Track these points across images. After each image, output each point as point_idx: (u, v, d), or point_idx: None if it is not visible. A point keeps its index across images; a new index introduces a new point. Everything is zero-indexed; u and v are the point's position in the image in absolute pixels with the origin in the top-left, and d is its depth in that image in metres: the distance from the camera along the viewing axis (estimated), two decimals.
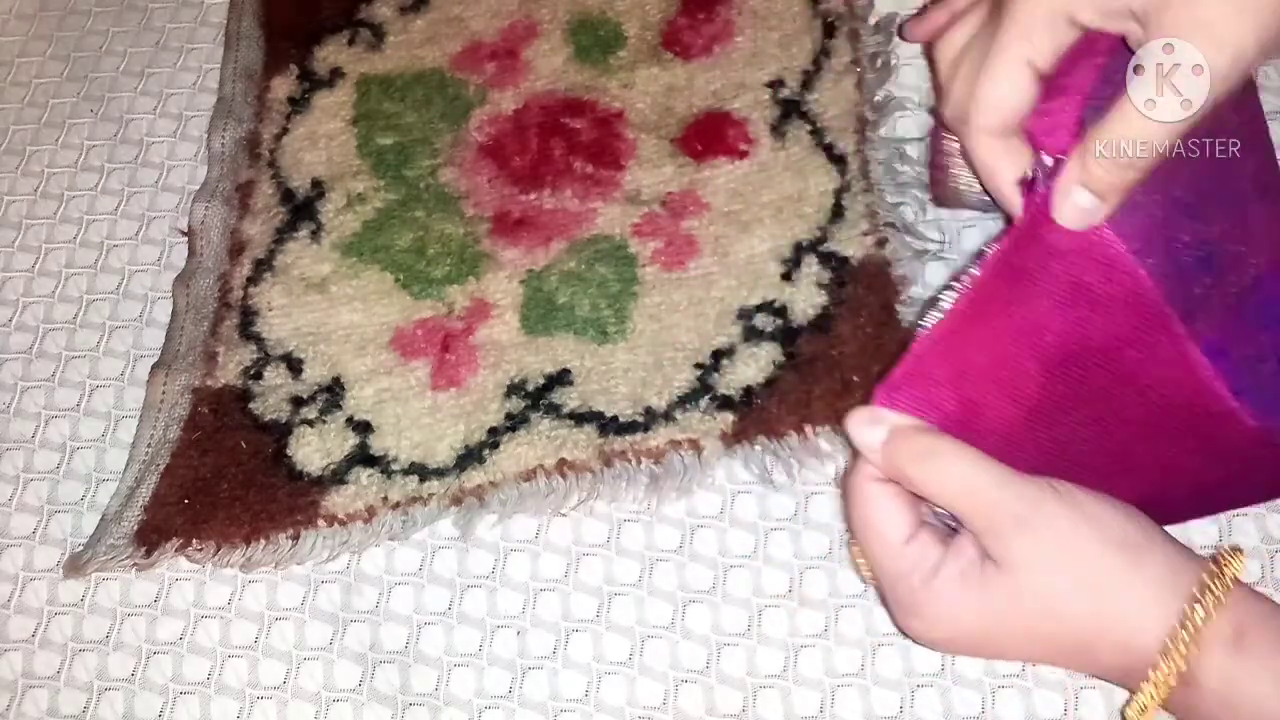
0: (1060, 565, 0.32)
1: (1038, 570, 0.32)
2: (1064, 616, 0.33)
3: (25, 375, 0.51)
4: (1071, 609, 0.32)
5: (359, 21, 0.59)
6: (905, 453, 0.34)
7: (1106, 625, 0.32)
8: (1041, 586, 0.32)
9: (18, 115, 0.59)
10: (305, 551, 0.45)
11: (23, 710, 0.44)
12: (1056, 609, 0.32)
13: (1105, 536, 0.33)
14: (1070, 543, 0.32)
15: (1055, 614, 0.33)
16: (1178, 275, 0.36)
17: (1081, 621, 0.32)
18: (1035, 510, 0.33)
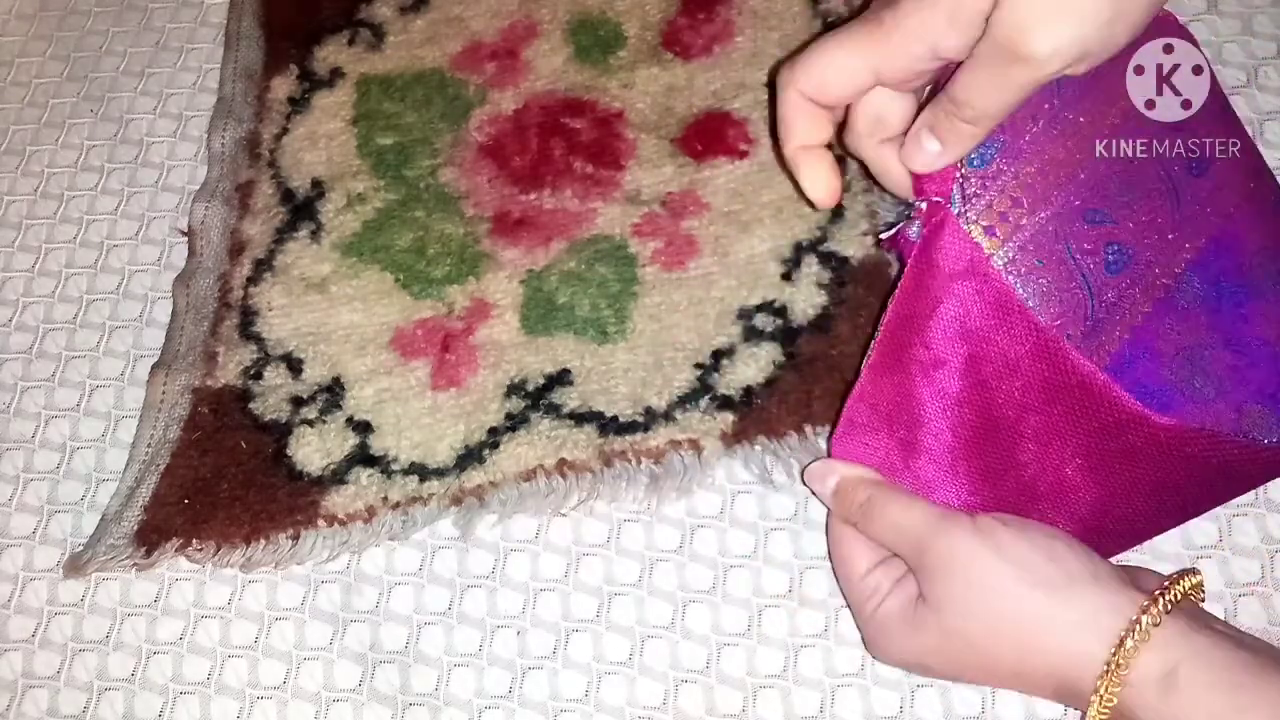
0: (977, 608, 0.34)
1: (956, 613, 0.35)
2: (986, 652, 0.34)
3: (25, 375, 0.51)
4: (993, 647, 0.34)
5: (359, 21, 0.59)
6: (847, 503, 0.38)
7: (1033, 663, 0.34)
8: (961, 627, 0.35)
9: (18, 115, 0.59)
10: (305, 551, 0.45)
11: (23, 710, 0.44)
12: (978, 646, 0.34)
13: (1025, 577, 0.34)
14: (989, 584, 0.34)
15: (978, 650, 0.35)
16: (1081, 286, 0.36)
17: (1006, 658, 0.34)
18: (955, 553, 0.35)
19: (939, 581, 0.35)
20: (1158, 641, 0.32)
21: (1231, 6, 0.52)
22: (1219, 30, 0.51)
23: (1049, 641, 0.33)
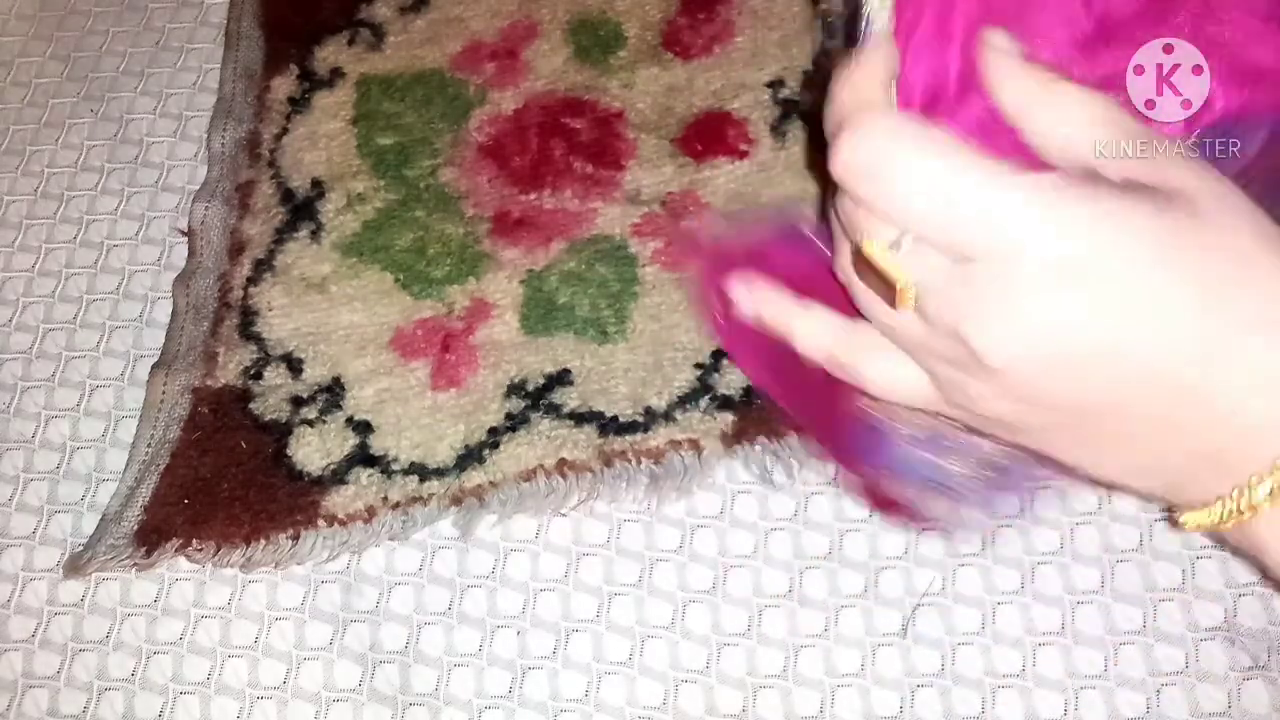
0: (1252, 222, 0.25)
1: (1216, 204, 0.25)
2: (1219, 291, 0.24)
3: (25, 375, 0.51)
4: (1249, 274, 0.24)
5: (359, 21, 0.59)
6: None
7: (1224, 357, 0.25)
8: (1220, 227, 0.25)
9: (18, 115, 0.59)
10: (305, 551, 0.45)
11: (23, 710, 0.44)
12: (1220, 270, 0.24)
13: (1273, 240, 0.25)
14: (1244, 223, 0.25)
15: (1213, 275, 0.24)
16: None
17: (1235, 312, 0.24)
18: (1195, 160, 0.26)
19: (1195, 175, 0.25)
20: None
21: None
22: None
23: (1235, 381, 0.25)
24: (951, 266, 0.26)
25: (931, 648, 0.41)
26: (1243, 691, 0.39)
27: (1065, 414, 0.27)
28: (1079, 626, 0.40)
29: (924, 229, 0.26)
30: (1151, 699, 0.39)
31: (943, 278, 0.26)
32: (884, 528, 0.43)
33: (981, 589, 0.41)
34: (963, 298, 0.26)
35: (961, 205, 0.25)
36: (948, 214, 0.25)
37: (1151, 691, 0.39)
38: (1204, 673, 0.39)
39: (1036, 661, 0.40)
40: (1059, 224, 0.25)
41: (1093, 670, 0.39)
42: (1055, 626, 0.40)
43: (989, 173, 0.25)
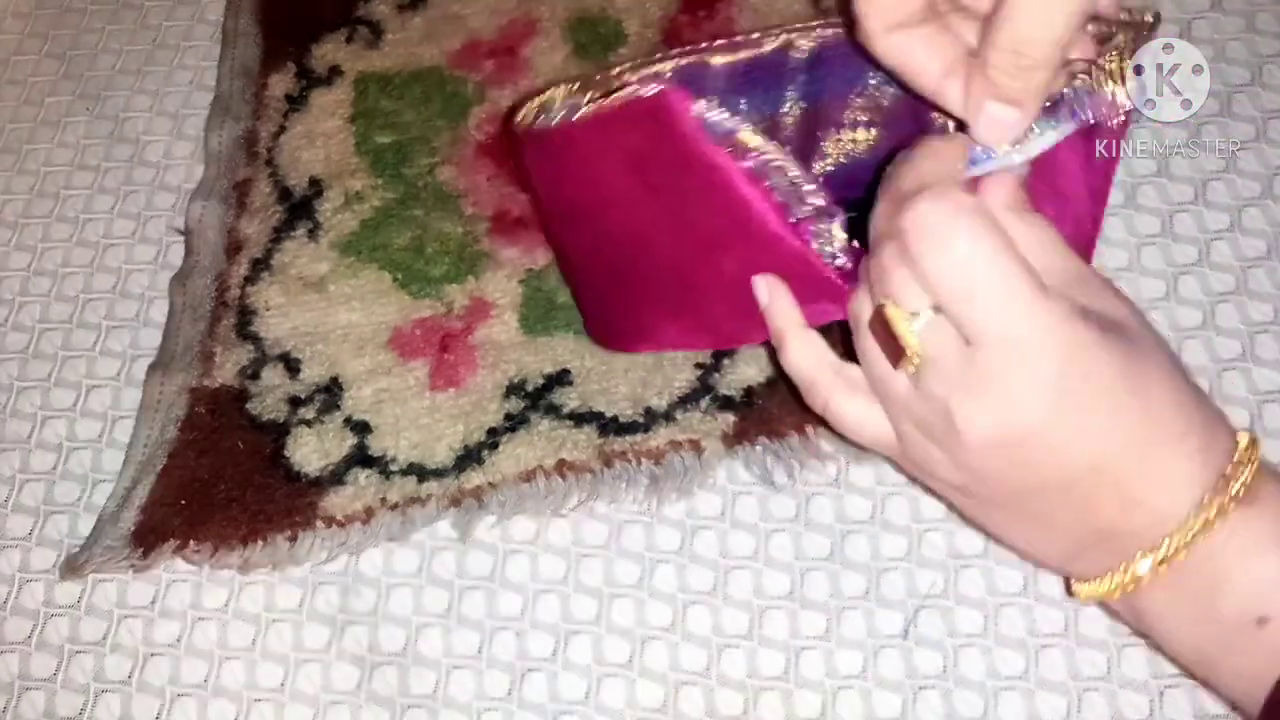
0: (1166, 353, 0.31)
1: (1149, 336, 0.31)
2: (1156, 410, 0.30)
3: (21, 375, 0.51)
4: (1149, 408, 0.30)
5: (357, 19, 0.58)
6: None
7: (1145, 458, 0.30)
8: (1155, 355, 0.30)
9: (13, 114, 0.59)
10: (303, 553, 0.44)
11: (20, 712, 0.44)
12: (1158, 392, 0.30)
13: (1180, 369, 0.31)
14: (1164, 357, 0.31)
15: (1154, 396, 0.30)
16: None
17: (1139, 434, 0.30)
18: (1117, 290, 0.32)
19: (1133, 317, 0.31)
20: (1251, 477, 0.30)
21: (1235, 4, 0.52)
22: (1223, 28, 0.51)
23: (1132, 484, 0.30)
24: (960, 347, 0.30)
25: (934, 649, 0.40)
26: None
27: (1003, 490, 0.32)
28: (1082, 628, 0.40)
29: (953, 303, 0.29)
30: (1154, 701, 0.39)
31: (949, 354, 0.30)
32: (886, 529, 0.42)
33: (984, 590, 0.41)
34: (960, 376, 0.30)
35: (994, 298, 0.29)
36: (979, 300, 0.29)
37: (1155, 694, 0.39)
38: None
39: (1039, 663, 0.40)
40: (1060, 341, 0.29)
41: (1096, 672, 0.39)
42: (1058, 628, 0.40)
43: (1026, 281, 0.29)
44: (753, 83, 0.41)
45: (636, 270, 0.39)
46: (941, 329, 0.30)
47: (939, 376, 0.30)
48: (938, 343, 0.30)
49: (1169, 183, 0.48)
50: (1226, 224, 0.47)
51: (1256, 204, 0.47)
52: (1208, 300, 0.45)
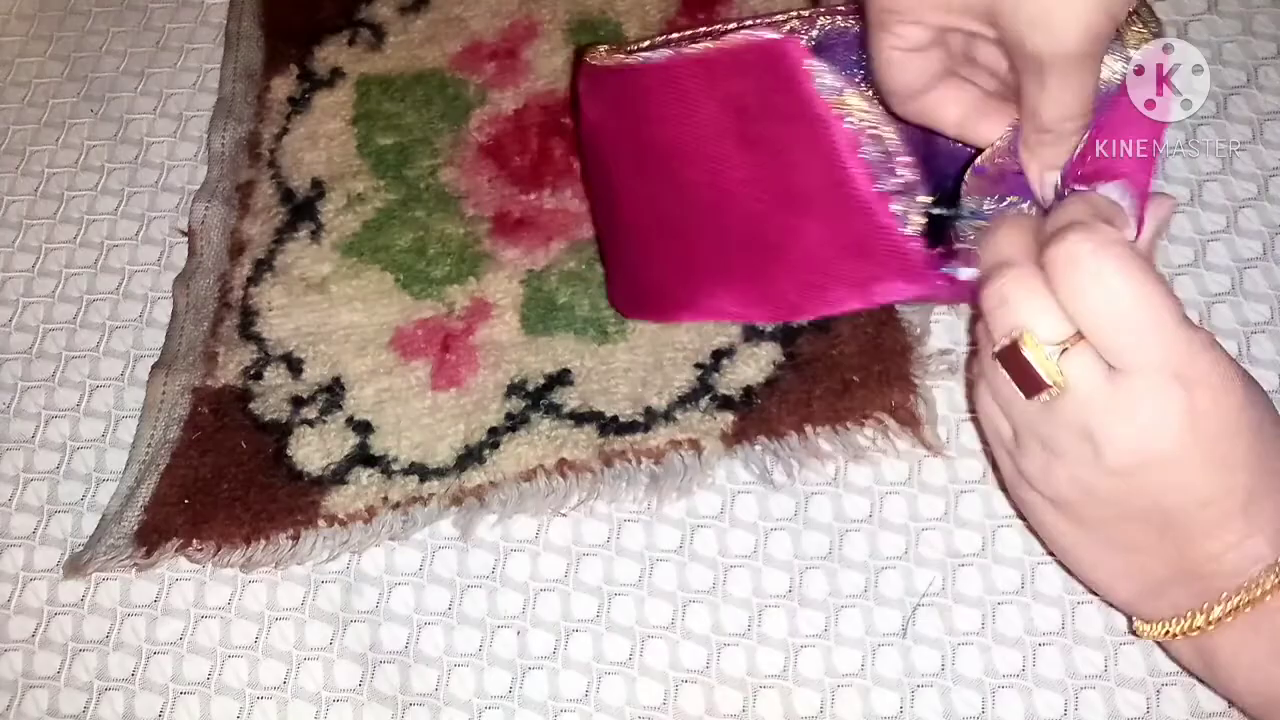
0: (1273, 410, 0.31)
1: (1261, 394, 0.31)
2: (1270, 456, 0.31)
3: (25, 375, 0.51)
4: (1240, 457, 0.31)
5: (359, 21, 0.59)
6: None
7: (1252, 500, 0.31)
8: (1264, 404, 0.31)
9: (18, 115, 0.59)
10: (305, 551, 0.45)
11: (23, 710, 0.44)
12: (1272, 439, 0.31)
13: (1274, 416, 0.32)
14: (1259, 397, 0.31)
15: (1270, 442, 0.31)
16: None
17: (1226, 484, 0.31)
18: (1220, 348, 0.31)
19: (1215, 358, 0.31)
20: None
21: (1232, 6, 0.52)
22: (1219, 30, 0.51)
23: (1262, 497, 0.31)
24: (1104, 375, 0.30)
25: (932, 648, 0.41)
26: None
27: (1113, 513, 0.32)
28: (1079, 627, 0.40)
29: (1102, 333, 0.30)
30: (1151, 699, 0.39)
31: (1092, 383, 0.30)
32: (884, 528, 0.43)
33: (981, 589, 0.41)
34: (1106, 401, 0.30)
35: (1146, 327, 0.30)
36: (1131, 328, 0.30)
37: (1152, 691, 0.39)
38: None
39: (1036, 662, 0.40)
40: (1204, 372, 0.30)
41: (1093, 670, 0.39)
42: (1055, 626, 0.40)
43: (1173, 311, 0.30)
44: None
45: (705, 227, 0.36)
46: (1086, 358, 0.30)
47: (1078, 404, 0.31)
48: (1081, 373, 0.31)
49: (1165, 184, 0.48)
50: (1223, 225, 0.47)
51: (1253, 205, 0.47)
52: (1203, 301, 0.45)
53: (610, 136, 0.40)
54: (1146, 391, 0.30)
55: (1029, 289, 0.31)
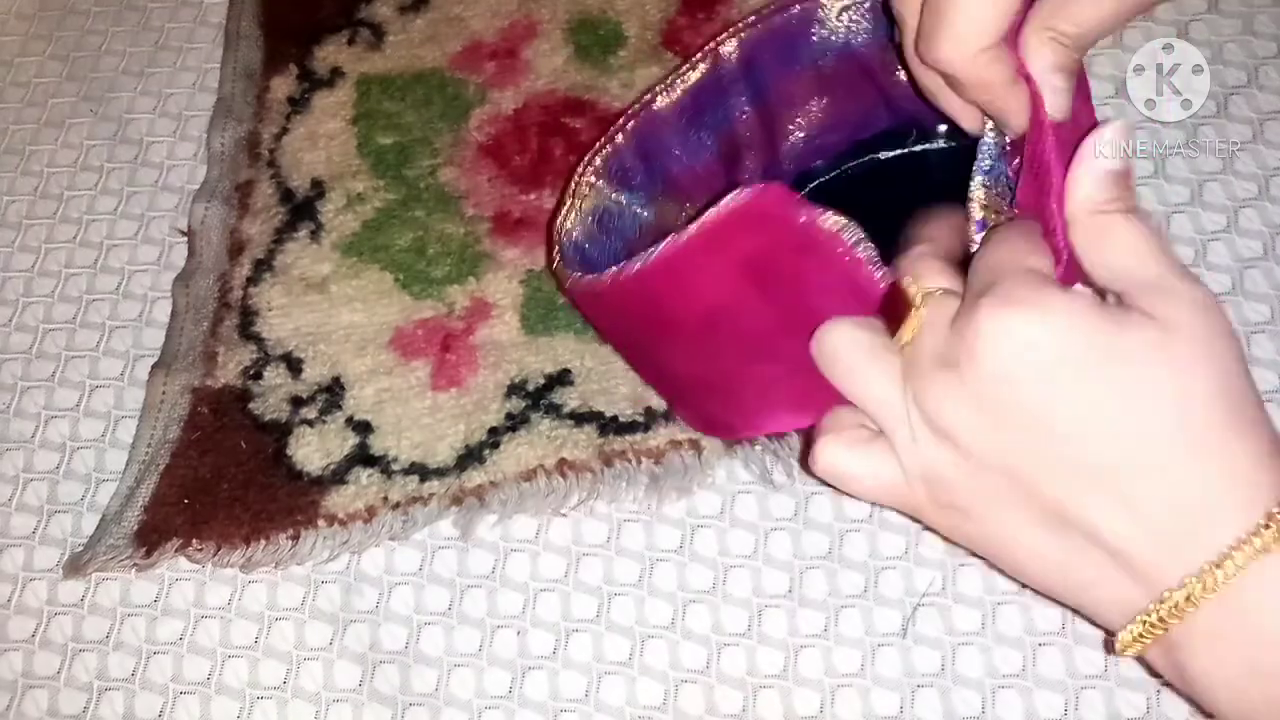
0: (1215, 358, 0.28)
1: (1197, 339, 0.28)
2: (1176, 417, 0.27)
3: (25, 375, 0.51)
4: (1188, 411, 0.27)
5: (359, 21, 0.59)
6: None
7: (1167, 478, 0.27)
8: (1189, 355, 0.27)
9: (17, 115, 0.59)
10: (305, 551, 0.45)
11: (23, 710, 0.44)
12: (1186, 391, 0.27)
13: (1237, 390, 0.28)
14: (1225, 346, 0.28)
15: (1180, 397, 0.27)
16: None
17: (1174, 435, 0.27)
18: (1205, 304, 0.29)
19: (1183, 306, 0.28)
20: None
21: (1232, 6, 0.52)
22: (1220, 30, 0.51)
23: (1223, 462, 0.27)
24: (959, 312, 0.30)
25: (932, 648, 0.41)
26: None
27: (998, 478, 0.29)
28: (1079, 627, 0.40)
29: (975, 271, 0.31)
30: (1151, 699, 0.39)
31: (941, 325, 0.30)
32: (884, 528, 0.43)
33: (982, 589, 0.41)
34: (940, 343, 0.30)
35: (992, 266, 0.30)
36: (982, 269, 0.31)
37: (1152, 691, 0.39)
38: None
39: (1037, 662, 0.40)
40: (1034, 307, 0.28)
41: (1093, 670, 0.39)
42: (1055, 627, 0.40)
43: (1031, 262, 0.30)
44: (700, 108, 0.43)
45: (752, 373, 0.38)
46: (944, 300, 0.31)
47: (925, 346, 0.31)
48: (940, 311, 0.31)
49: (1166, 184, 0.48)
50: (1223, 225, 0.47)
51: (1253, 205, 0.47)
52: None
53: (623, 324, 0.41)
54: (964, 322, 0.30)
55: (931, 264, 0.32)
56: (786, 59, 0.43)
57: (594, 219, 0.42)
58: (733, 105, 0.44)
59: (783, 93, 0.44)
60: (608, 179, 0.42)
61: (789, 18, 0.43)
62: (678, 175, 0.44)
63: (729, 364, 0.38)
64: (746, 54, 0.43)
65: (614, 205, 0.42)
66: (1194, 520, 0.27)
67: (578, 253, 0.40)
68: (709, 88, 0.43)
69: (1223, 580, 0.26)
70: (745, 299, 0.35)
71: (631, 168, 0.43)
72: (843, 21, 0.42)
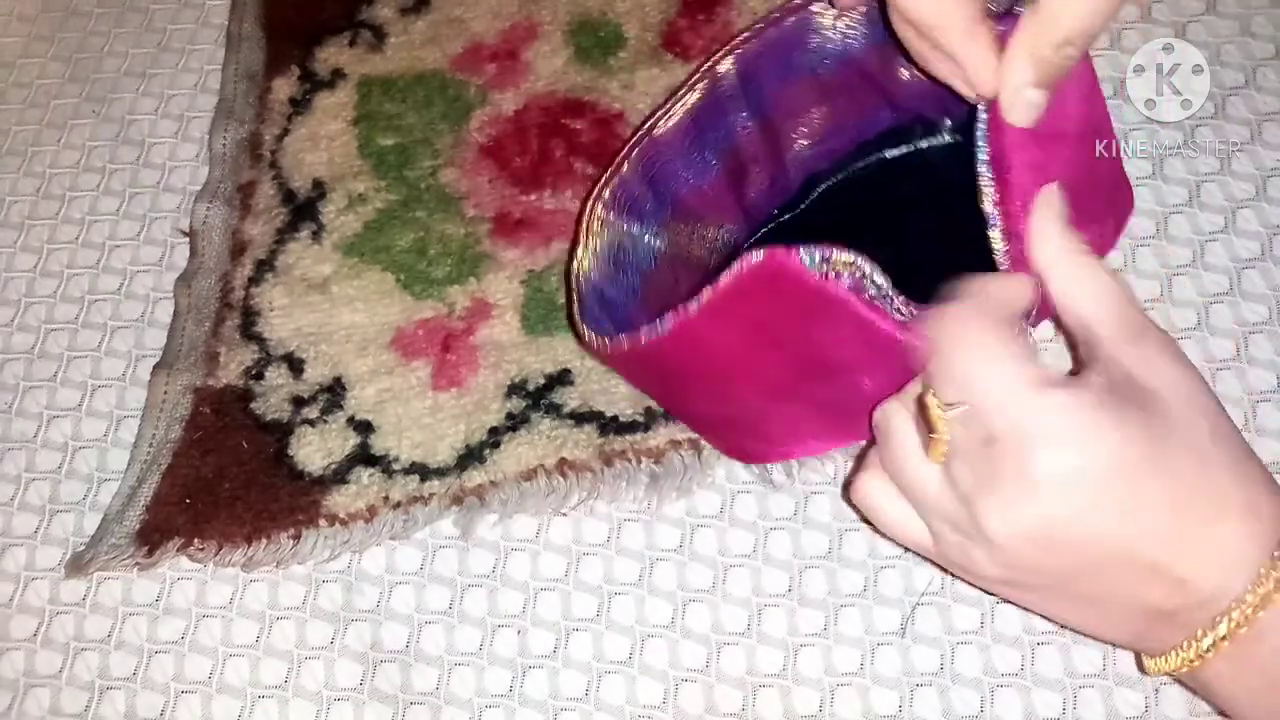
0: (1211, 421, 0.30)
1: (1186, 407, 0.30)
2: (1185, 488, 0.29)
3: (27, 375, 0.52)
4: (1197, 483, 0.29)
5: (360, 23, 0.59)
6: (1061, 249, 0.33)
7: (1180, 540, 0.30)
8: (1187, 429, 0.30)
9: (20, 116, 0.60)
10: (306, 551, 0.45)
11: (25, 709, 0.44)
12: (1187, 470, 0.29)
13: (1222, 443, 0.30)
14: (1201, 433, 0.30)
15: (1182, 475, 0.29)
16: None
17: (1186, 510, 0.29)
18: (1173, 352, 0.31)
19: (1165, 368, 0.30)
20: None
21: (1230, 8, 0.52)
22: (1217, 31, 0.51)
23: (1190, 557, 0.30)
24: (982, 444, 0.30)
25: (931, 646, 0.41)
26: None
27: (1047, 580, 0.32)
28: None
29: (971, 403, 0.31)
30: (1150, 698, 0.39)
31: (973, 448, 0.31)
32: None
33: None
34: (980, 471, 0.30)
35: (996, 395, 0.30)
36: (985, 399, 0.30)
37: (1150, 691, 0.39)
38: None
39: (1035, 660, 0.40)
40: (1072, 433, 0.29)
41: (1091, 669, 0.40)
42: (1054, 626, 0.40)
43: (1027, 377, 0.30)
44: (702, 129, 0.44)
45: (777, 411, 0.39)
46: (970, 423, 0.31)
47: (964, 469, 0.31)
48: (965, 434, 0.31)
49: (1164, 185, 0.48)
50: (1220, 225, 0.47)
51: (1251, 205, 0.47)
52: (1202, 301, 0.46)
53: (640, 382, 0.43)
54: (1012, 459, 0.30)
55: (948, 369, 0.32)
56: (784, 70, 0.43)
57: (609, 258, 0.42)
58: (734, 122, 0.44)
59: (783, 103, 0.44)
60: (618, 211, 0.42)
61: (784, 29, 0.43)
62: (685, 197, 0.44)
63: (753, 406, 0.38)
64: (744, 69, 0.43)
65: (627, 239, 0.42)
66: (1226, 568, 0.30)
67: (596, 298, 0.40)
68: (709, 108, 0.43)
69: (1250, 614, 0.29)
70: (761, 355, 0.36)
71: (640, 196, 0.43)
72: (839, 27, 0.42)
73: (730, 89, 0.43)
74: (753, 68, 0.43)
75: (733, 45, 0.43)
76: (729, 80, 0.43)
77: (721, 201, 0.45)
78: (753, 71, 0.43)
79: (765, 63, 0.43)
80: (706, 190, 0.44)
